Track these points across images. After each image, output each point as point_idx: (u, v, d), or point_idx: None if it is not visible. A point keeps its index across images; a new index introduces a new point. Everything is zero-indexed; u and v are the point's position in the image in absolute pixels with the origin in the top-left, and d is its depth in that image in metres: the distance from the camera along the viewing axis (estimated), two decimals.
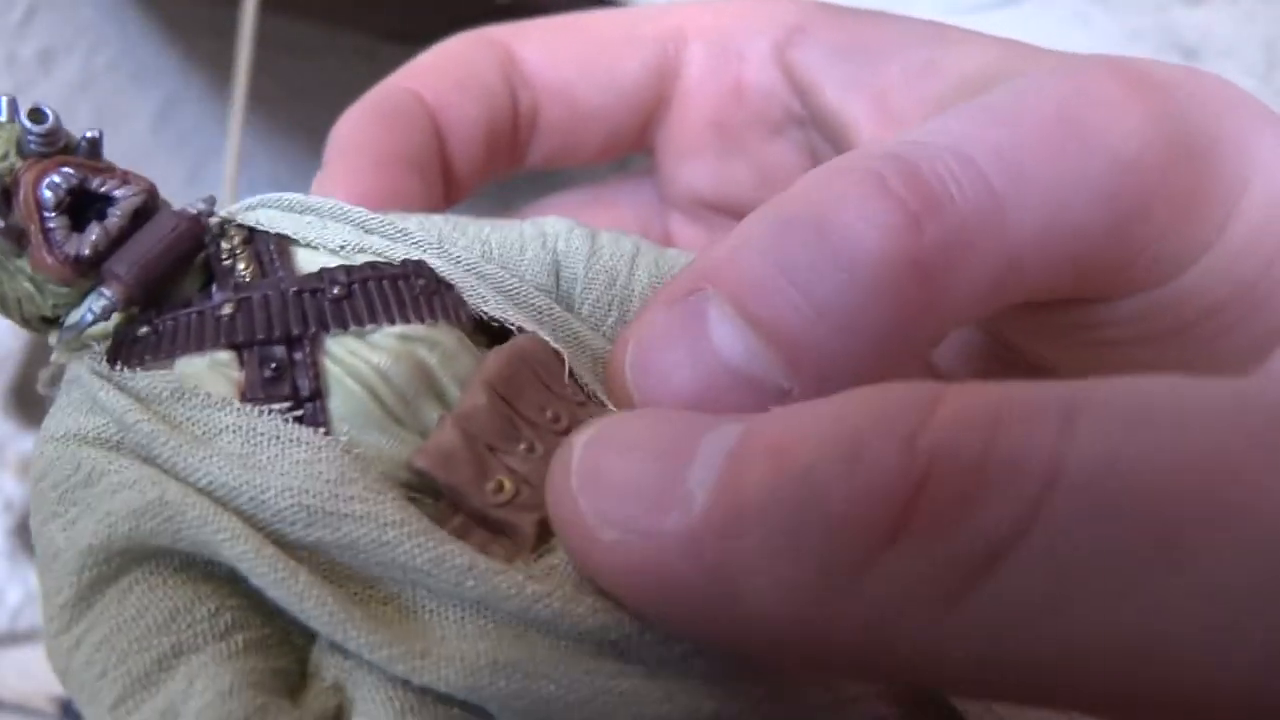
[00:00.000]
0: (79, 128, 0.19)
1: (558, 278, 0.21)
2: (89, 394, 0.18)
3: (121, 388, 0.17)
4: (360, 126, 0.25)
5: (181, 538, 0.16)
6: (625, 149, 0.29)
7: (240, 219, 0.20)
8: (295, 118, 1.13)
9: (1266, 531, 0.12)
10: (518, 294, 0.20)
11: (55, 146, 0.18)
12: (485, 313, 0.19)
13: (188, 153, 1.09)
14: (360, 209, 0.20)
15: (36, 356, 0.93)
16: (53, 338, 0.19)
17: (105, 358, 0.18)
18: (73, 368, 0.19)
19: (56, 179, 0.17)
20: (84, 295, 0.18)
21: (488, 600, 0.15)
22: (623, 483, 0.15)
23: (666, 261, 0.22)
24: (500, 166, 0.28)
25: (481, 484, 0.17)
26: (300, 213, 0.20)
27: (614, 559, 0.15)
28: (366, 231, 0.20)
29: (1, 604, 0.93)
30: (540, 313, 0.20)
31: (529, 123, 0.27)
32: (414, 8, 1.07)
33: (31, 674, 0.88)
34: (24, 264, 0.18)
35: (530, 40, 0.28)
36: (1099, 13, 0.94)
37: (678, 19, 0.28)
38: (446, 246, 0.20)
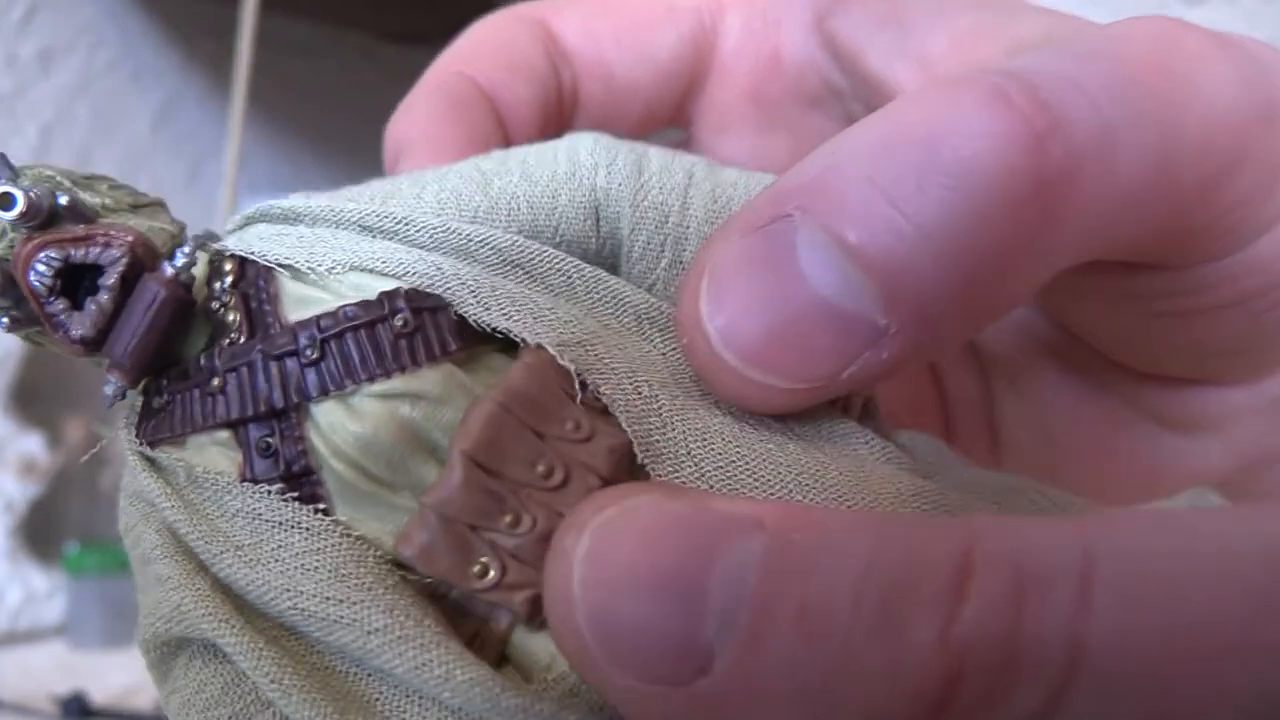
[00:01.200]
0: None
1: (598, 218, 0.19)
2: (131, 465, 0.19)
3: (151, 464, 0.18)
4: (430, 119, 0.24)
5: (203, 638, 0.17)
6: (663, 122, 0.28)
7: (233, 247, 0.19)
8: (295, 118, 1.13)
9: (1260, 693, 0.12)
10: (540, 263, 0.19)
11: (38, 220, 0.18)
12: (486, 324, 0.18)
13: (188, 153, 1.08)
14: (355, 204, 0.19)
15: (37, 356, 0.92)
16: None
17: (135, 429, 0.19)
18: (121, 431, 0.19)
19: (40, 268, 0.17)
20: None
21: (465, 710, 0.16)
22: (634, 629, 0.14)
23: (724, 189, 0.20)
24: None
25: (466, 570, 0.16)
26: (292, 222, 0.19)
27: (630, 702, 0.14)
28: (364, 229, 0.19)
29: (1, 604, 0.92)
30: (570, 279, 0.19)
31: (571, 99, 0.27)
32: (414, 8, 1.07)
33: (31, 674, 0.88)
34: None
35: (567, 16, 0.27)
36: (1099, 12, 0.94)
37: None
38: (456, 225, 0.19)
